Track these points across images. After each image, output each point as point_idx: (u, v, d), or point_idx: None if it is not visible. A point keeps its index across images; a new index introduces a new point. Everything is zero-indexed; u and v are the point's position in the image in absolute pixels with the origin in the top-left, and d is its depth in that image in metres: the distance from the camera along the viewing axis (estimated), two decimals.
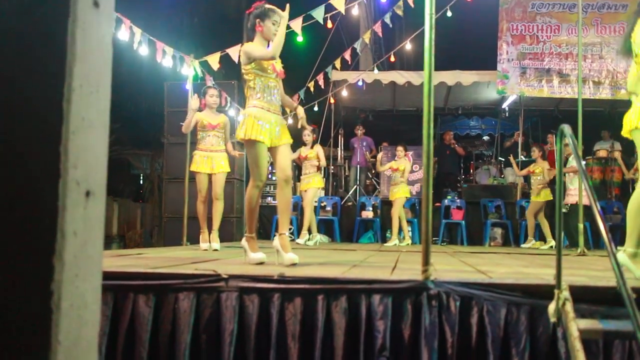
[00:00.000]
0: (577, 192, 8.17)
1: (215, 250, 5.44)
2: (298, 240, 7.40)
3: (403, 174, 8.39)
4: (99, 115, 1.10)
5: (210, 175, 5.74)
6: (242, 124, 3.66)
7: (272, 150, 3.70)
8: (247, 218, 3.76)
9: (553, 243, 8.33)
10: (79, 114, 1.02)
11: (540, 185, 8.60)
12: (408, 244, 8.24)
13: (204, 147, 5.76)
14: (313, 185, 7.69)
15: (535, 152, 8.84)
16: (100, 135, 1.11)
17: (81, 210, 1.04)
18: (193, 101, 5.73)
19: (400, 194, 8.32)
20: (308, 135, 7.64)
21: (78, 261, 1.03)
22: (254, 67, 3.63)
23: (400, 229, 8.45)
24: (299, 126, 4.05)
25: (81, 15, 1.03)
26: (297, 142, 7.62)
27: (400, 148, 8.63)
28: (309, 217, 7.57)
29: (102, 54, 1.10)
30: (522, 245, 8.59)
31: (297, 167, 9.34)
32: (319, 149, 7.75)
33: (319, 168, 7.81)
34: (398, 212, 8.34)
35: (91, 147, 1.07)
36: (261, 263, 3.46)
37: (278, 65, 3.74)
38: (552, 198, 8.72)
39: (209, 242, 5.64)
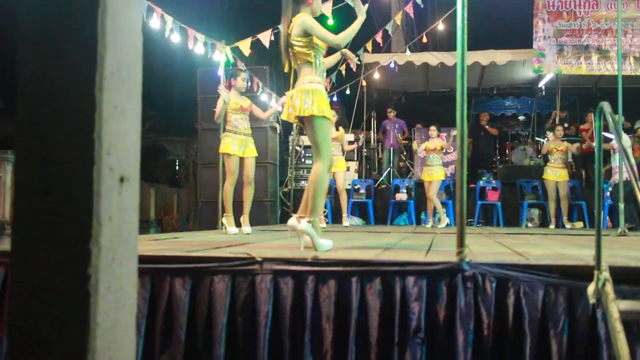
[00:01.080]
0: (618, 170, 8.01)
1: (248, 234, 5.42)
2: (345, 223, 7.53)
3: (440, 152, 8.36)
4: (131, 102, 1.11)
5: (241, 159, 5.67)
6: (313, 99, 3.41)
7: None
8: (319, 201, 3.41)
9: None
10: (111, 102, 1.04)
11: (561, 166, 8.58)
12: (447, 224, 8.24)
13: (236, 129, 5.68)
14: (339, 169, 7.73)
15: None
16: (133, 122, 1.12)
17: (116, 196, 1.06)
18: (223, 92, 5.69)
19: (437, 176, 8.29)
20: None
21: (114, 245, 1.05)
22: (310, 41, 3.47)
23: (436, 211, 8.44)
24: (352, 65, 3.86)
25: (110, 4, 1.05)
26: None
27: (432, 128, 8.56)
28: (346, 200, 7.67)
29: (132, 43, 1.12)
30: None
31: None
32: (342, 131, 7.73)
33: (343, 150, 7.79)
34: (435, 194, 8.33)
35: (124, 134, 1.09)
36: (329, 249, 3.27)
37: (324, 44, 3.59)
38: (568, 178, 8.64)
39: (238, 226, 5.61)
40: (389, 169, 11.20)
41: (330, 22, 6.93)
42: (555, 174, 8.74)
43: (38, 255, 0.98)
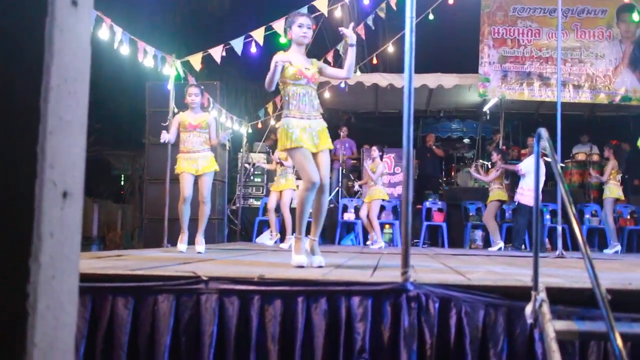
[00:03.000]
0: (531, 193, 8.37)
1: (200, 253, 5.28)
2: (282, 245, 7.38)
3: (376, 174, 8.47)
4: (76, 115, 1.09)
5: (195, 177, 5.53)
6: (278, 137, 3.79)
7: (312, 155, 3.71)
8: (298, 220, 3.73)
9: (501, 245, 8.51)
10: (56, 114, 1.02)
11: (495, 187, 8.81)
12: (380, 247, 8.33)
13: (186, 148, 5.55)
14: (288, 187, 7.73)
15: (494, 156, 8.95)
16: (78, 136, 1.10)
17: (58, 211, 1.03)
18: (165, 136, 5.64)
19: (376, 195, 8.40)
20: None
21: (54, 263, 1.02)
22: (282, 77, 3.72)
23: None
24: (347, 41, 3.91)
25: (59, 14, 1.03)
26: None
27: (373, 148, 8.73)
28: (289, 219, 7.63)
29: (80, 54, 1.10)
30: (490, 249, 8.59)
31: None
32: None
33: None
34: (375, 214, 8.45)
35: (68, 148, 1.06)
36: (300, 267, 3.46)
37: (309, 71, 3.78)
38: (506, 198, 8.88)
39: (190, 244, 5.51)
40: (337, 188, 11.28)
41: (283, 39, 6.97)
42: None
43: None
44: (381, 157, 8.87)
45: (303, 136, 3.63)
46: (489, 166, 10.28)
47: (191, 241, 5.55)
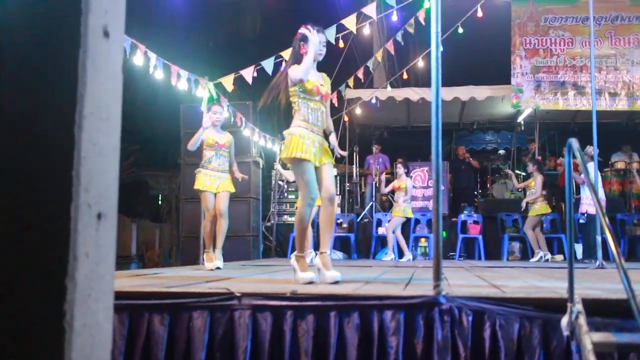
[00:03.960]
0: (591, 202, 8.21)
1: (218, 268, 5.32)
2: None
3: (406, 193, 8.48)
4: (109, 140, 1.14)
5: (214, 194, 5.62)
6: (287, 143, 3.69)
7: (315, 169, 3.71)
8: (298, 237, 3.72)
9: (541, 255, 8.35)
10: (90, 140, 1.07)
11: (532, 200, 8.67)
12: (409, 259, 8.47)
13: (211, 166, 5.63)
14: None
15: (530, 167, 8.82)
16: (111, 160, 1.15)
17: (93, 232, 1.08)
18: (206, 117, 5.62)
19: (395, 212, 8.58)
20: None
21: (90, 282, 1.07)
22: (298, 89, 3.70)
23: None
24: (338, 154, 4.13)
25: (92, 45, 1.09)
26: None
27: (399, 165, 8.74)
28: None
29: (112, 83, 1.15)
30: (531, 260, 8.51)
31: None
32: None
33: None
34: (392, 230, 8.64)
35: (102, 172, 1.11)
36: (310, 282, 3.41)
37: (323, 88, 3.81)
38: (549, 211, 8.76)
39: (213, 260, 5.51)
40: (371, 203, 11.26)
41: None
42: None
43: (14, 291, 0.99)
44: (407, 173, 8.88)
45: (312, 150, 3.64)
46: (523, 177, 10.15)
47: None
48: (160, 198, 17.98)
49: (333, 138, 4.02)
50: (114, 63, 1.16)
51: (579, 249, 8.79)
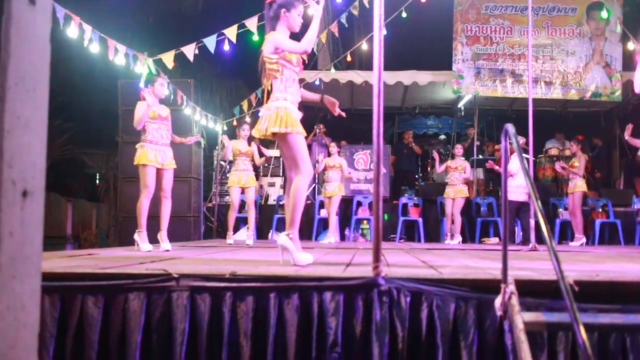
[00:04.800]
0: (518, 189, 8.63)
1: (167, 250, 5.16)
2: (248, 242, 7.45)
3: (339, 169, 8.76)
4: (36, 113, 1.08)
5: (158, 170, 5.36)
6: (280, 116, 3.45)
7: None
8: (296, 215, 3.44)
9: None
10: (13, 113, 1.01)
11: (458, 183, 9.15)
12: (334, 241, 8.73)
13: (154, 139, 5.38)
14: (252, 184, 7.71)
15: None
16: (38, 134, 1.09)
17: (18, 211, 1.03)
18: (147, 96, 5.33)
19: (336, 192, 8.74)
20: (247, 130, 7.63)
21: (15, 263, 1.02)
22: (280, 57, 3.53)
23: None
24: (336, 114, 3.95)
25: (16, 12, 1.02)
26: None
27: (332, 144, 8.99)
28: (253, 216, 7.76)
29: (38, 52, 1.09)
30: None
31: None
32: (254, 146, 7.79)
33: (254, 165, 7.83)
34: (334, 210, 8.82)
35: (28, 146, 1.06)
36: (310, 263, 3.30)
37: (300, 58, 3.66)
38: (468, 195, 9.13)
39: (154, 242, 5.34)
40: (314, 185, 11.29)
41: (256, 37, 6.96)
42: (451, 191, 9.21)
43: None
44: (338, 153, 9.20)
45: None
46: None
47: (152, 239, 5.40)
48: (97, 177, 17.48)
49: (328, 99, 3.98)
50: (41, 32, 1.10)
51: (519, 232, 9.13)
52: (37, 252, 1.09)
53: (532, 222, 6.33)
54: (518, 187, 8.69)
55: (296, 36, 3.72)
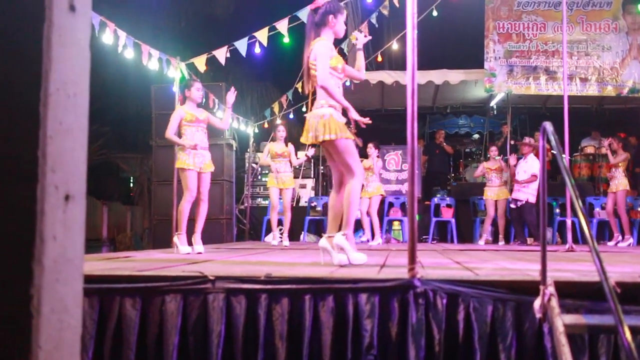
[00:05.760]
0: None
1: (199, 253, 5.19)
2: (285, 243, 7.51)
3: (372, 172, 8.67)
4: (77, 119, 1.10)
5: (197, 174, 5.36)
6: (326, 124, 3.52)
7: None
8: (350, 215, 3.54)
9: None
10: (56, 119, 1.02)
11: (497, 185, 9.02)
12: (379, 243, 8.58)
13: (193, 144, 5.34)
14: (290, 185, 7.71)
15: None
16: (79, 139, 1.11)
17: (60, 214, 1.04)
18: (180, 102, 5.46)
19: (373, 192, 8.61)
20: (282, 131, 7.72)
21: (58, 265, 1.03)
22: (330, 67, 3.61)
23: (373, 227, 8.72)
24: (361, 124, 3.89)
25: (57, 19, 1.03)
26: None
27: (369, 145, 8.86)
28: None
29: (79, 59, 1.10)
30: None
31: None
32: (292, 147, 7.81)
33: (292, 165, 7.84)
34: (375, 210, 8.69)
35: (70, 151, 1.07)
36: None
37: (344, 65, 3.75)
38: (506, 196, 8.97)
39: (191, 244, 5.35)
40: None
41: (286, 40, 6.98)
42: (492, 193, 9.04)
43: None
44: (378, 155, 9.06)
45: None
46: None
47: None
48: (131, 180, 17.78)
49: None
50: (81, 38, 1.11)
51: (549, 232, 8.96)
52: (79, 255, 1.10)
53: (568, 222, 6.21)
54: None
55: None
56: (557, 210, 9.38)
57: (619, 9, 10.19)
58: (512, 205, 8.53)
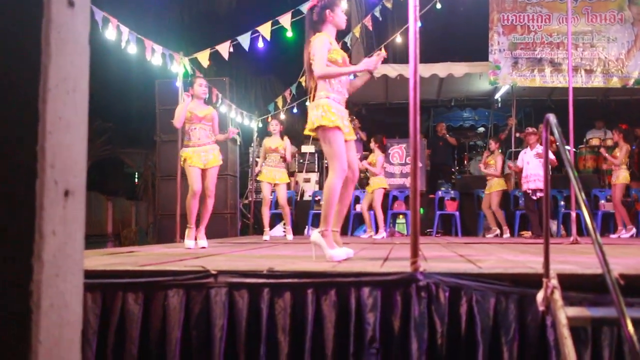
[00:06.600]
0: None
1: (203, 247, 5.24)
2: (288, 237, 7.52)
3: (375, 166, 8.66)
4: (76, 114, 1.10)
5: (202, 170, 5.44)
6: (319, 113, 3.48)
7: None
8: (327, 212, 3.45)
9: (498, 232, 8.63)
10: (55, 114, 1.03)
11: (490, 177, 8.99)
12: (383, 236, 8.53)
13: (192, 142, 5.46)
14: (283, 181, 7.62)
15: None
16: (79, 134, 1.11)
17: (60, 210, 1.04)
18: (187, 99, 5.51)
19: (376, 185, 8.58)
20: (275, 125, 7.62)
21: (58, 261, 1.03)
22: (331, 59, 3.57)
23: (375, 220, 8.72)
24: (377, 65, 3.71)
25: (55, 15, 1.03)
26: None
27: (371, 140, 8.88)
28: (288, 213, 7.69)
29: (78, 54, 1.10)
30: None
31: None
32: (287, 141, 7.70)
33: (284, 160, 7.73)
34: (379, 204, 8.61)
35: (69, 147, 1.07)
36: (346, 259, 3.34)
37: (347, 58, 3.71)
38: (505, 187, 8.92)
39: (195, 239, 5.43)
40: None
41: (290, 34, 6.97)
42: (486, 186, 9.04)
43: None
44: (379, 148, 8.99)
45: (344, 122, 3.54)
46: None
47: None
48: (136, 176, 17.81)
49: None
50: (80, 34, 1.11)
51: (553, 225, 8.92)
52: (79, 250, 1.10)
53: (573, 214, 6.19)
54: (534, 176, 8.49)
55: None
56: (562, 203, 9.35)
57: (625, 0, 10.13)
58: (534, 197, 8.42)
